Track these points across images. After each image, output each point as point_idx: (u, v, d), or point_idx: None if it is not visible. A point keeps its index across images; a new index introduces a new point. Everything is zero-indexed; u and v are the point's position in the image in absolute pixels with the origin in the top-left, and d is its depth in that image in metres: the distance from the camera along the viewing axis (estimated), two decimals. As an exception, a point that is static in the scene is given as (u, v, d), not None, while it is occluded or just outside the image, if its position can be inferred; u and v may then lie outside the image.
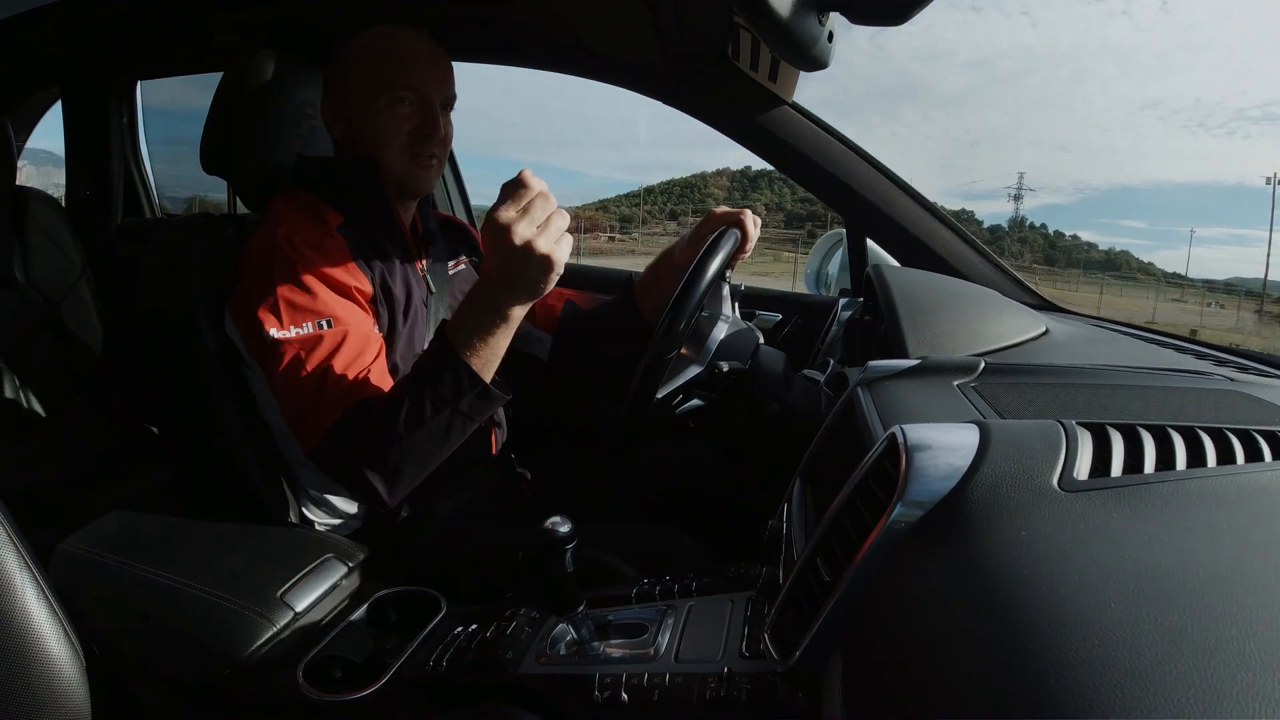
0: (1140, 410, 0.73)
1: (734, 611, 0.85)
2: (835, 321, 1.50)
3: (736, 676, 0.74)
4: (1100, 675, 0.36)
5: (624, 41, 1.52)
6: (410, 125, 1.21)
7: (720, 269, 1.15)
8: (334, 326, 1.09)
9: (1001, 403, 0.78)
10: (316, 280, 1.11)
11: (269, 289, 1.10)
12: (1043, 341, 1.08)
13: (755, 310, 1.82)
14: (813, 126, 1.59)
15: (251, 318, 1.10)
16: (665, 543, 1.28)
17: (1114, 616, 0.40)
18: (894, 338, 1.06)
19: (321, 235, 1.15)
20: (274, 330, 1.08)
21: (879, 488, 0.58)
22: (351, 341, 1.10)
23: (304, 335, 1.08)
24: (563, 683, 0.82)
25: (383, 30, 1.22)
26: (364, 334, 1.13)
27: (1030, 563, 0.46)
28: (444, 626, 0.96)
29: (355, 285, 1.14)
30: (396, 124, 1.21)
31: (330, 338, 1.09)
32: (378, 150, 1.21)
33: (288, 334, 1.08)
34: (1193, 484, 0.54)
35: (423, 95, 1.21)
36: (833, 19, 1.09)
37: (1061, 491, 0.52)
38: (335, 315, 1.10)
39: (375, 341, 1.15)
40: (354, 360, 1.09)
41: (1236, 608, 0.40)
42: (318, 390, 1.07)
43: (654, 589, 0.94)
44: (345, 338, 1.10)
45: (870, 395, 0.85)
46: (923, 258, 1.56)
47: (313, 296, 1.10)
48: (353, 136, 1.23)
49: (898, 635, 0.50)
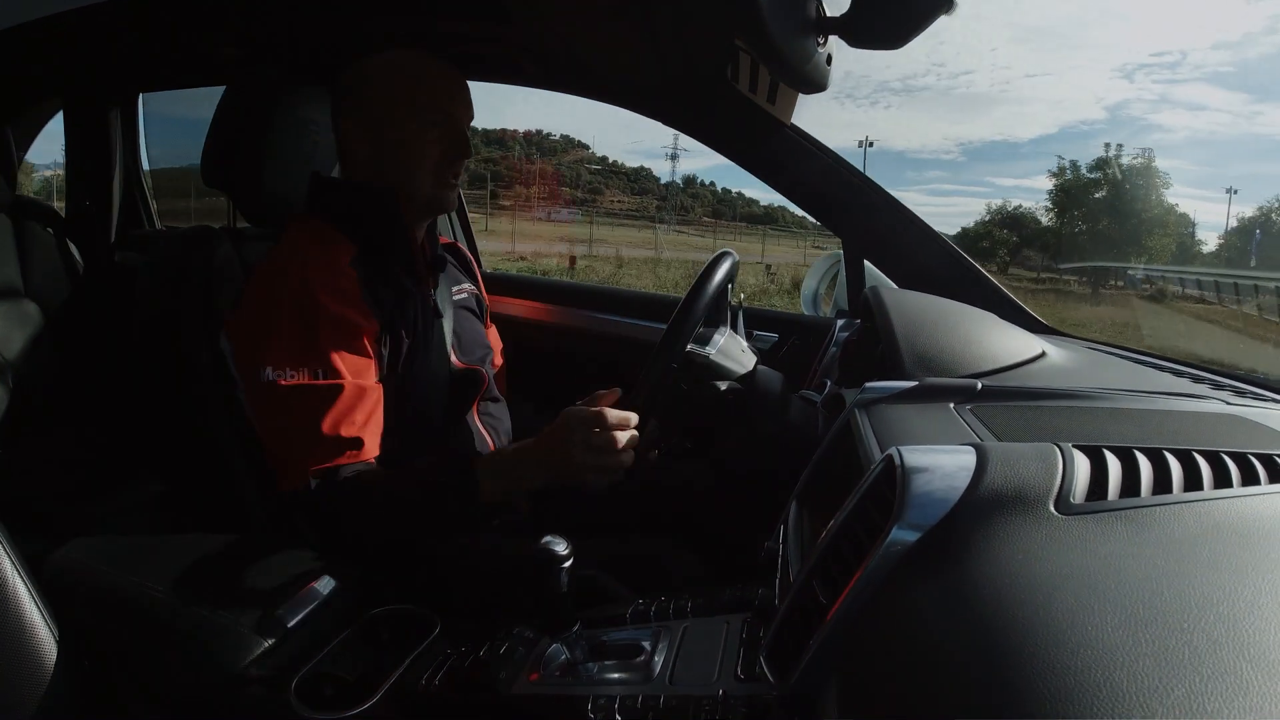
0: (1137, 433, 0.73)
1: (730, 633, 0.85)
2: (833, 342, 1.50)
3: (732, 699, 0.74)
4: (1099, 700, 0.36)
5: (625, 62, 1.54)
6: (442, 147, 1.24)
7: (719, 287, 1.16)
8: (329, 378, 1.10)
9: (998, 425, 0.78)
10: (322, 323, 1.11)
11: (272, 325, 1.10)
12: (1039, 364, 1.08)
13: (753, 330, 1.82)
14: (811, 148, 1.60)
15: (248, 347, 1.10)
16: (661, 563, 1.27)
17: (1111, 641, 0.40)
18: (891, 359, 1.06)
19: (334, 274, 1.15)
20: (269, 370, 1.08)
21: (876, 510, 0.58)
22: (345, 397, 1.11)
23: (298, 383, 1.09)
24: (556, 704, 0.81)
25: (406, 55, 1.24)
26: (359, 387, 1.13)
27: (1027, 586, 0.46)
28: (437, 645, 0.95)
29: (362, 325, 1.15)
30: (430, 146, 1.23)
31: (325, 391, 1.10)
32: (409, 171, 1.23)
33: (282, 376, 1.09)
34: (1189, 508, 0.54)
35: (453, 118, 1.24)
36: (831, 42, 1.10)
37: (1058, 514, 0.52)
38: (333, 366, 1.11)
39: (370, 395, 1.15)
40: (344, 417, 1.11)
41: (1234, 632, 0.40)
42: (304, 440, 1.09)
43: (649, 609, 0.93)
44: (340, 392, 1.11)
45: (867, 417, 0.85)
46: (920, 279, 1.56)
47: (314, 342, 1.10)
48: (380, 158, 1.23)
49: (894, 659, 0.49)
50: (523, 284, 2.29)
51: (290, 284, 1.12)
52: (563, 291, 2.25)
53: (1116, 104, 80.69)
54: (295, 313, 1.11)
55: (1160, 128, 67.23)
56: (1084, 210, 42.47)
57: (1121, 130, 77.72)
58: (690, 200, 45.53)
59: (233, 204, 1.36)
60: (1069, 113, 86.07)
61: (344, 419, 1.10)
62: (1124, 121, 78.19)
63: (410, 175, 1.23)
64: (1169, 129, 64.00)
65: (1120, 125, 78.09)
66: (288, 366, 1.09)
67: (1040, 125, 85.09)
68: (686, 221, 40.98)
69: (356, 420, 1.11)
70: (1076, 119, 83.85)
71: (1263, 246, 40.11)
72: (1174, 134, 73.65)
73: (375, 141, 1.23)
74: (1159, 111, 72.73)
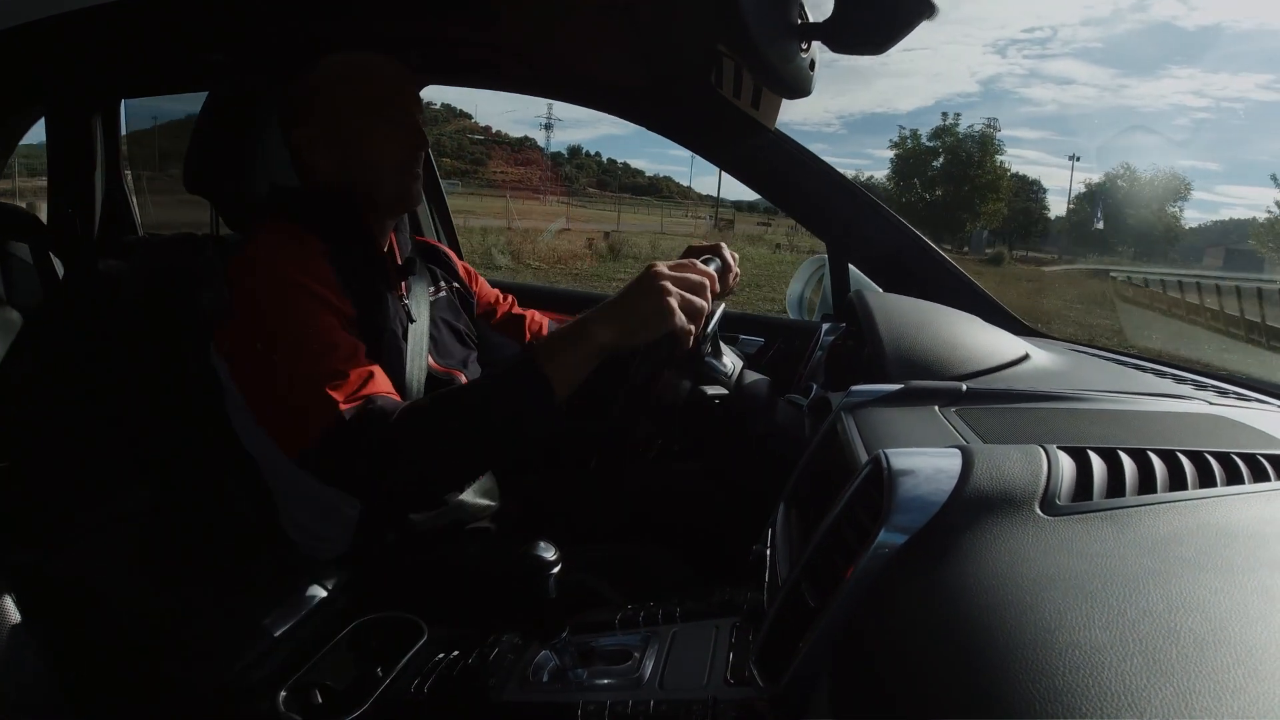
0: (1121, 434, 0.74)
1: (719, 637, 0.85)
2: (818, 346, 1.51)
3: (722, 704, 0.74)
4: (1086, 701, 0.36)
5: (609, 67, 1.54)
6: (400, 141, 1.23)
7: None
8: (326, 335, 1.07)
9: (983, 427, 0.79)
10: (304, 299, 1.09)
11: (255, 314, 1.09)
12: (1024, 366, 1.09)
13: (738, 334, 1.83)
14: (794, 153, 1.61)
15: (238, 345, 1.09)
16: (649, 568, 1.27)
17: (1099, 641, 0.40)
18: (876, 362, 1.06)
19: (307, 258, 1.14)
20: (260, 344, 1.06)
21: (863, 513, 0.58)
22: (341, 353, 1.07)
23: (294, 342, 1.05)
24: (546, 710, 0.81)
25: (349, 58, 1.23)
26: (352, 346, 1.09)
27: (1014, 587, 0.46)
28: (425, 652, 0.95)
29: (341, 308, 1.13)
30: (389, 142, 1.22)
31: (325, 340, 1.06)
32: (374, 169, 1.22)
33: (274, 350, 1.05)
34: (1174, 508, 0.54)
35: (407, 112, 1.24)
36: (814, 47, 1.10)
37: (1044, 515, 0.53)
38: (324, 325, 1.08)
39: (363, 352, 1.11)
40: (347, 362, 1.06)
41: (1220, 632, 0.40)
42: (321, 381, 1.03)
43: (638, 615, 0.93)
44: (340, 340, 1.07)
45: (853, 420, 0.85)
46: (904, 282, 1.57)
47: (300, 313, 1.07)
48: (343, 162, 1.22)
49: (884, 661, 0.49)
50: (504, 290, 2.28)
51: (266, 272, 1.10)
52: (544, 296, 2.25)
53: (990, 78, 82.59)
54: (275, 295, 1.08)
55: (1030, 101, 69.21)
56: (923, 178, 43.95)
57: (995, 103, 79.68)
58: (575, 171, 45.70)
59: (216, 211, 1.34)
60: (946, 85, 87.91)
61: (347, 363, 1.06)
62: (997, 94, 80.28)
63: (376, 173, 1.22)
64: (1038, 102, 66.04)
65: (993, 98, 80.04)
66: (279, 337, 1.06)
67: (919, 98, 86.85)
68: (571, 192, 41.18)
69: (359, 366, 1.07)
70: (953, 91, 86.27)
71: (1108, 208, 41.41)
72: (1043, 107, 75.23)
73: (335, 146, 1.22)
74: (1030, 85, 74.59)
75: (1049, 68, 79.08)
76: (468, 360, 1.40)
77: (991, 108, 79.09)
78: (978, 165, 42.69)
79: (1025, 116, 51.25)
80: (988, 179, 42.61)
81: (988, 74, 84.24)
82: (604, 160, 76.71)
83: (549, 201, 41.72)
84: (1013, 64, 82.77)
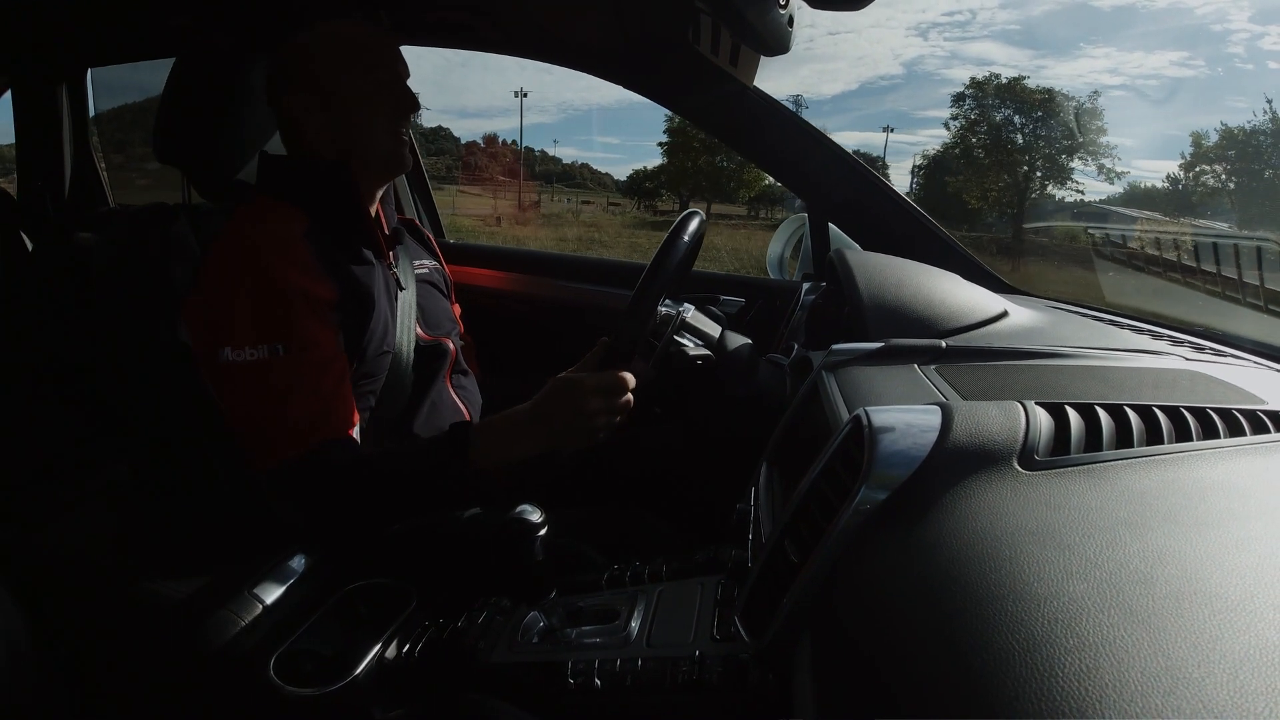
0: (1099, 390, 0.75)
1: (704, 595, 0.86)
2: (799, 306, 1.51)
3: (708, 659, 0.75)
4: (1065, 651, 0.37)
5: (584, 25, 1.51)
6: (392, 103, 1.23)
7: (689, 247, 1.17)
8: (289, 354, 1.07)
9: (962, 384, 0.80)
10: (278, 297, 1.08)
11: (226, 304, 1.07)
12: (1002, 323, 1.10)
13: (719, 295, 1.82)
14: (773, 111, 1.59)
15: (205, 331, 1.08)
16: (634, 528, 1.28)
17: (1076, 593, 0.41)
18: (856, 321, 1.07)
19: (288, 245, 1.13)
20: (228, 351, 1.05)
21: (844, 470, 0.59)
22: (309, 370, 1.08)
23: (258, 360, 1.06)
24: (535, 670, 0.82)
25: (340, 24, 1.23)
26: (322, 359, 1.11)
27: (993, 541, 0.47)
28: (414, 618, 0.96)
29: (321, 295, 1.12)
30: (381, 104, 1.22)
31: (287, 365, 1.07)
32: (366, 131, 1.22)
33: (241, 356, 1.06)
34: (1150, 462, 0.55)
35: (397, 74, 1.24)
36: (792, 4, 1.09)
37: (1022, 470, 0.54)
38: (294, 339, 1.08)
39: (335, 365, 1.13)
40: (312, 391, 1.09)
41: (1195, 584, 0.41)
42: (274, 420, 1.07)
43: (624, 574, 0.94)
44: (303, 366, 1.08)
45: (834, 379, 0.86)
46: (884, 241, 1.57)
47: (271, 317, 1.07)
48: (335, 124, 1.21)
49: (865, 615, 0.50)
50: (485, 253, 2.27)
51: (243, 260, 1.10)
52: (526, 260, 2.23)
53: (912, 60, 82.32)
54: (249, 289, 1.08)
55: (951, 82, 69.21)
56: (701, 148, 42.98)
57: (918, 85, 79.52)
58: (488, 160, 45.57)
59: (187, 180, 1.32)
60: (869, 69, 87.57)
61: (311, 393, 1.07)
62: (920, 76, 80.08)
63: (368, 135, 1.22)
64: (958, 84, 66.53)
65: (916, 80, 79.89)
66: (246, 345, 1.06)
67: (843, 82, 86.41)
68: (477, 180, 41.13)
69: (324, 391, 1.09)
70: (876, 74, 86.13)
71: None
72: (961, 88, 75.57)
73: (327, 109, 1.21)
74: (950, 67, 74.44)
75: (969, 49, 78.89)
76: (452, 332, 1.40)
77: (915, 89, 78.90)
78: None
79: (947, 99, 51.64)
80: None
81: (910, 56, 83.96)
82: (518, 148, 76.34)
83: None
84: (934, 46, 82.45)
